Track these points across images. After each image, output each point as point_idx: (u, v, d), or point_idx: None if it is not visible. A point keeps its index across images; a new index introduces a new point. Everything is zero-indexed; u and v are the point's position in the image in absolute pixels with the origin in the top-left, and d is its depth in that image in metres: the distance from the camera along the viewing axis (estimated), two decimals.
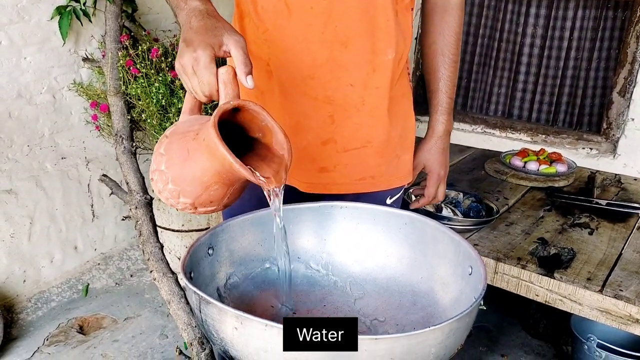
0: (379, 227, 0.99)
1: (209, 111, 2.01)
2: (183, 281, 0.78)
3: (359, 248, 1.00)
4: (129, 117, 2.13)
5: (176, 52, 2.03)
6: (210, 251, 0.90)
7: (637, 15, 2.50)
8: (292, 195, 1.16)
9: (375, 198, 1.21)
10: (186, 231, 2.44)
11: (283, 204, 0.84)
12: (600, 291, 1.41)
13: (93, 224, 2.51)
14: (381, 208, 1.00)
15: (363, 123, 1.13)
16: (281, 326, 0.62)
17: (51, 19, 2.12)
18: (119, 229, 2.64)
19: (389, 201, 1.26)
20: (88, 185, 2.44)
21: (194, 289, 0.71)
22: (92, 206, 2.49)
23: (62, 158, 2.31)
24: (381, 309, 0.92)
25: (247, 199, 1.00)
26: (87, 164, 2.41)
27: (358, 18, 1.05)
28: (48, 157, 2.25)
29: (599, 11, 2.73)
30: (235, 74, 0.79)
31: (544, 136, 2.83)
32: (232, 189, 0.82)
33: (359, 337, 0.61)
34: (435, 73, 1.25)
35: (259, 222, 0.98)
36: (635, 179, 2.25)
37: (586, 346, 1.75)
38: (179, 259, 2.48)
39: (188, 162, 0.78)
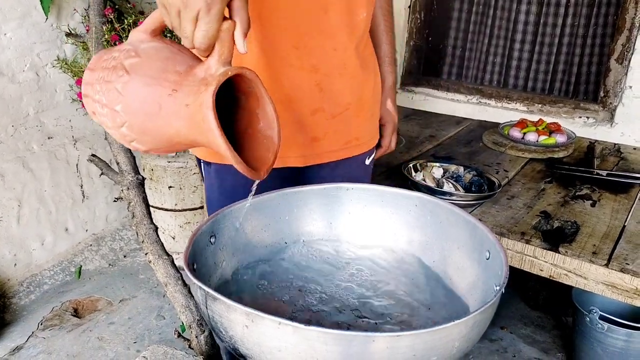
0: (388, 209, 0.96)
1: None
2: (187, 274, 0.74)
3: (366, 231, 0.97)
4: None
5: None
6: (213, 239, 0.86)
7: None
8: (282, 172, 1.14)
9: (357, 161, 1.25)
10: (180, 210, 2.39)
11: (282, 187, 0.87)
12: (607, 265, 1.39)
13: (83, 204, 2.45)
14: (389, 189, 0.96)
15: (345, 86, 1.14)
16: (296, 324, 0.58)
17: None
18: (110, 209, 2.58)
19: (367, 162, 1.29)
20: (76, 165, 2.38)
21: (199, 283, 0.67)
22: (81, 186, 2.43)
23: (49, 138, 2.23)
24: (393, 293, 0.88)
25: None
26: (74, 143, 2.34)
27: None
28: (34, 137, 2.18)
29: None
30: (233, 33, 0.68)
31: (540, 105, 2.78)
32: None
33: (380, 334, 0.58)
34: (377, 27, 1.30)
35: (262, 207, 0.93)
36: (635, 148, 2.22)
37: (588, 318, 1.74)
38: (174, 238, 2.44)
39: (157, 119, 0.68)
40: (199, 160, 1.27)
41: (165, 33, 1.16)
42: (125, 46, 0.72)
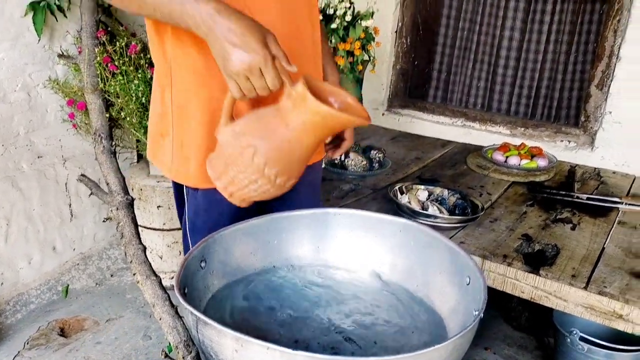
0: (373, 233, 0.99)
1: None
2: (175, 295, 0.77)
3: (353, 255, 1.00)
4: (107, 115, 2.08)
5: None
6: (203, 264, 0.88)
7: (615, 9, 2.52)
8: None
9: (316, 167, 1.30)
10: (168, 230, 2.41)
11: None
12: (585, 288, 1.43)
13: (72, 223, 2.45)
14: (375, 215, 1.00)
15: None
16: (283, 349, 0.61)
17: (25, 15, 2.05)
18: (98, 228, 2.59)
19: (323, 165, 1.35)
20: (66, 184, 2.39)
21: (191, 308, 0.69)
22: (70, 205, 2.44)
23: (39, 157, 2.25)
24: (377, 316, 0.91)
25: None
26: (64, 163, 2.36)
27: None
28: (24, 157, 2.19)
29: (577, 5, 2.75)
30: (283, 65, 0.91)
31: (523, 129, 2.85)
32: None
33: (364, 359, 0.61)
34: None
35: (251, 231, 0.96)
36: (614, 172, 2.29)
37: (569, 339, 1.78)
38: (161, 258, 2.45)
39: (289, 150, 0.92)
40: (178, 188, 1.29)
41: None
42: (228, 143, 0.95)
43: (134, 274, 1.77)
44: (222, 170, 0.96)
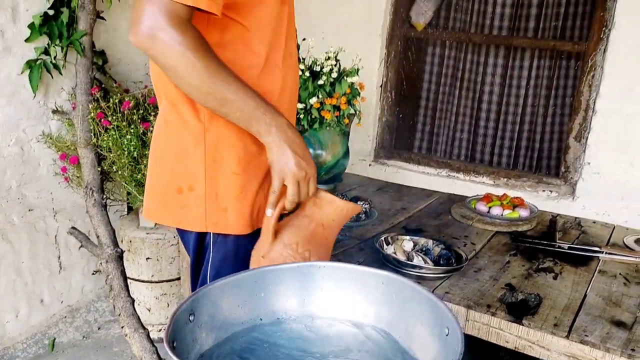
0: (357, 286, 1.03)
1: None
2: (164, 349, 0.79)
3: (338, 307, 1.03)
4: (99, 168, 2.12)
5: (148, 104, 2.06)
6: (192, 317, 0.91)
7: (589, 65, 2.65)
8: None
9: None
10: (156, 282, 2.42)
11: None
12: (567, 337, 1.46)
13: (60, 275, 2.46)
14: (359, 268, 1.03)
15: None
16: None
17: (21, 73, 2.12)
18: (86, 280, 2.59)
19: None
20: (55, 236, 2.41)
21: None
22: (59, 258, 2.45)
23: (30, 210, 2.27)
24: None
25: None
26: (54, 215, 2.38)
27: None
28: (15, 210, 2.22)
29: (553, 61, 2.88)
30: None
31: (505, 179, 2.93)
32: None
33: None
34: None
35: (239, 284, 1.00)
36: (594, 222, 2.35)
37: None
38: (149, 310, 2.44)
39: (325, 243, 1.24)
40: (198, 239, 1.30)
41: None
42: (281, 255, 1.17)
43: (122, 327, 1.78)
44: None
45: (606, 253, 1.99)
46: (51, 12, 2.14)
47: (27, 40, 2.12)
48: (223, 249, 1.26)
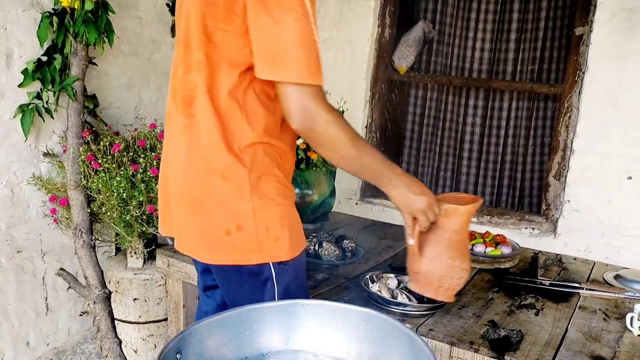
0: (339, 323, 1.06)
1: None
2: None
3: (320, 344, 1.06)
4: (88, 210, 2.15)
5: (137, 147, 2.11)
6: (179, 355, 0.94)
7: (565, 107, 2.75)
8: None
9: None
10: (143, 323, 2.41)
11: None
12: None
13: (47, 317, 2.45)
14: (340, 305, 1.07)
15: None
16: None
17: (14, 117, 2.17)
18: (73, 322, 2.58)
19: None
20: (43, 278, 2.41)
21: None
22: (46, 299, 2.44)
23: (18, 252, 2.29)
24: None
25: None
26: (42, 257, 2.39)
27: None
28: (3, 252, 2.23)
29: (531, 102, 2.99)
30: None
31: (488, 217, 2.99)
32: None
33: None
34: None
35: (224, 324, 1.03)
36: (575, 258, 2.40)
37: None
38: (135, 352, 2.43)
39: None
40: (255, 274, 1.33)
41: None
42: (434, 267, 1.50)
43: None
44: (437, 285, 1.49)
45: (586, 289, 2.03)
46: (44, 59, 2.21)
47: (20, 85, 2.18)
48: (287, 275, 1.34)
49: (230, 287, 1.38)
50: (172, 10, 2.84)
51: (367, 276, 1.90)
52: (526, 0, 2.92)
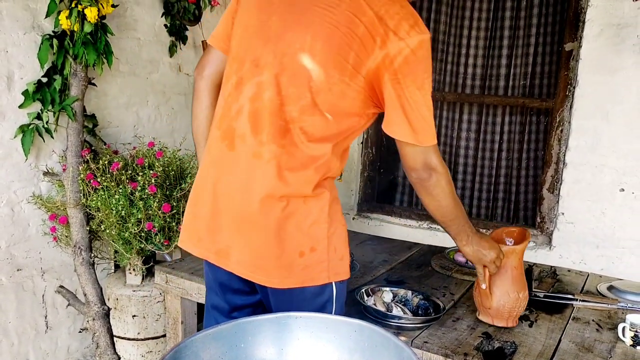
0: (331, 334, 1.09)
1: None
2: None
3: (313, 355, 1.09)
4: (87, 228, 2.18)
5: (136, 165, 2.14)
6: None
7: (557, 121, 2.80)
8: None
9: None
10: (142, 339, 2.43)
11: None
12: None
13: (46, 335, 2.46)
14: (332, 317, 1.10)
15: None
16: None
17: (14, 137, 2.21)
18: (73, 339, 2.60)
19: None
20: (43, 296, 2.43)
21: None
22: (45, 317, 2.46)
23: (18, 270, 2.31)
24: None
25: None
26: (42, 275, 2.42)
27: None
28: (3, 270, 2.26)
29: (524, 117, 3.04)
30: None
31: (484, 230, 3.01)
32: None
33: None
34: None
35: (219, 337, 1.05)
36: (569, 270, 2.42)
37: None
38: None
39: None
40: (324, 293, 1.37)
41: None
42: (506, 302, 1.76)
43: None
44: (507, 316, 1.76)
45: (580, 300, 2.06)
46: (45, 80, 2.26)
47: (20, 106, 2.22)
48: (341, 293, 1.40)
49: (292, 309, 1.35)
50: (170, 31, 2.90)
51: (363, 290, 1.93)
52: (517, 17, 2.97)
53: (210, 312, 1.55)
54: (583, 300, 2.05)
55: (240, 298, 1.49)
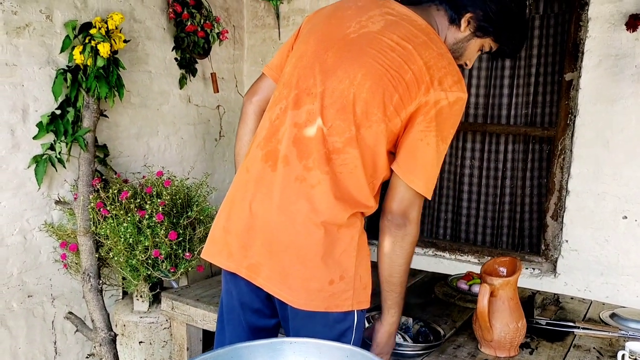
0: (324, 359, 1.12)
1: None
2: None
3: None
4: (96, 255, 2.24)
5: (144, 193, 2.20)
6: None
7: (559, 149, 2.83)
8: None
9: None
10: None
11: None
12: None
13: None
14: (325, 342, 1.13)
15: None
16: None
17: (28, 167, 2.29)
18: None
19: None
20: (52, 322, 2.48)
21: None
22: (55, 343, 2.51)
23: (29, 296, 2.37)
24: None
25: None
26: (52, 301, 2.47)
27: None
28: (15, 296, 2.32)
29: (526, 145, 3.07)
30: None
31: (489, 257, 3.03)
32: None
33: None
34: None
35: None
36: (572, 298, 2.43)
37: None
38: None
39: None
40: (344, 321, 1.41)
41: None
42: (506, 334, 1.77)
43: None
44: (509, 347, 1.76)
45: (581, 328, 2.06)
46: (58, 112, 2.35)
47: (35, 137, 2.31)
48: (362, 321, 1.43)
49: (313, 332, 1.38)
50: (180, 64, 3.00)
51: (365, 317, 1.95)
52: None
53: (224, 331, 1.57)
54: (585, 328, 2.06)
55: (258, 319, 1.52)
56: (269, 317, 1.51)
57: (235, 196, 1.45)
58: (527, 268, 2.93)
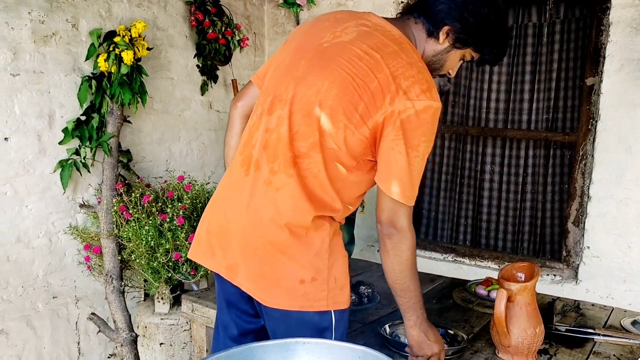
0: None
1: None
2: None
3: None
4: (119, 257, 2.29)
5: (166, 197, 2.25)
6: None
7: (580, 154, 2.80)
8: None
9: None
10: None
11: None
12: None
13: None
14: (338, 343, 1.15)
15: None
16: None
17: (54, 171, 2.36)
18: None
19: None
20: (76, 323, 2.54)
21: None
22: (78, 343, 2.57)
23: (54, 297, 2.43)
24: None
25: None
26: (76, 302, 2.53)
27: None
28: (40, 297, 2.38)
29: (547, 151, 3.05)
30: None
31: (509, 264, 3.00)
32: None
33: None
34: None
35: (233, 359, 1.11)
36: (593, 304, 2.39)
37: None
38: None
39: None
40: (320, 321, 1.43)
41: None
42: (523, 340, 1.75)
43: None
44: (527, 352, 1.73)
45: (602, 335, 2.03)
46: (83, 118, 2.42)
47: (60, 142, 2.38)
48: (341, 322, 1.44)
49: (289, 332, 1.42)
50: (202, 71, 3.05)
51: (387, 325, 1.96)
52: (538, 52, 3.02)
53: (218, 330, 1.63)
54: (605, 335, 2.03)
55: (245, 320, 1.57)
56: (254, 316, 1.54)
57: (216, 199, 1.52)
58: (548, 275, 2.90)
